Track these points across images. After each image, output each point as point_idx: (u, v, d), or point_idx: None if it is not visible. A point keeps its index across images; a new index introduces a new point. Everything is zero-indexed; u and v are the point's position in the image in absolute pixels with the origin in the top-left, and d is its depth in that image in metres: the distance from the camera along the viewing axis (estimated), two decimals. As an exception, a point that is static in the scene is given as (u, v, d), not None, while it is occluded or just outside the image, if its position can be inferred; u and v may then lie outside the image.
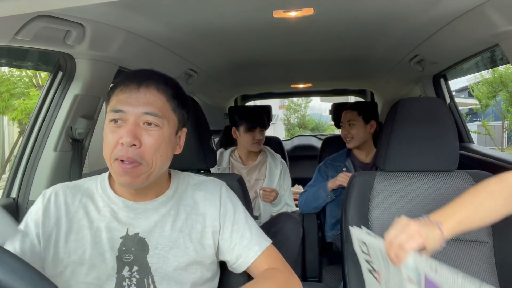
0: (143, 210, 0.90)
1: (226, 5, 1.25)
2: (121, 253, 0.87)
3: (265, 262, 0.96)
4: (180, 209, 0.93)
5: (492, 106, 11.44)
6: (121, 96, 0.85)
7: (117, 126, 0.83)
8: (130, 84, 0.85)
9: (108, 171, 0.92)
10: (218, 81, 2.69)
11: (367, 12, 1.37)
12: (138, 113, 0.83)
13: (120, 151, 0.81)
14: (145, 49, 1.56)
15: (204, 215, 0.95)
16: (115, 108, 0.84)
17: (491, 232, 1.19)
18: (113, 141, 0.83)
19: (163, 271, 0.88)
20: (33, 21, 1.01)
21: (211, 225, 0.94)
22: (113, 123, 0.84)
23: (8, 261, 0.51)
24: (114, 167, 0.83)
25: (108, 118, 0.85)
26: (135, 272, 0.87)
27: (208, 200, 0.96)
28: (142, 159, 0.82)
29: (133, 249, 0.87)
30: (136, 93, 0.85)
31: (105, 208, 0.90)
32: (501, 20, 1.17)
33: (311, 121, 19.87)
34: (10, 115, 6.22)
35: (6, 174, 6.60)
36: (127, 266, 0.86)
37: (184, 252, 0.90)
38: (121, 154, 0.81)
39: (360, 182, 1.30)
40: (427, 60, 1.91)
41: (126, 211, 0.90)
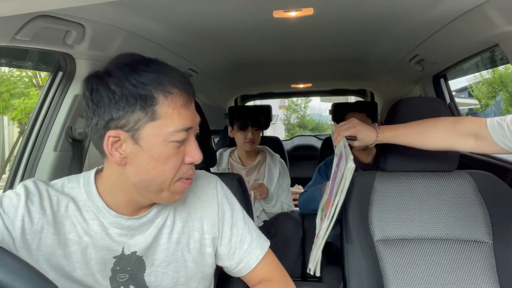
0: (139, 225, 0.80)
1: (226, 5, 1.25)
2: (115, 273, 0.78)
3: (264, 268, 0.90)
4: (176, 217, 0.84)
5: (492, 106, 11.44)
6: (183, 111, 0.72)
7: (179, 145, 0.72)
8: (184, 95, 0.73)
9: (90, 173, 0.81)
10: (218, 81, 2.69)
11: (367, 12, 1.37)
12: (196, 125, 0.76)
13: (188, 170, 0.75)
14: (145, 49, 1.56)
15: (201, 220, 0.86)
16: (186, 126, 0.72)
17: (491, 232, 1.19)
18: (178, 162, 0.73)
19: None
20: (33, 21, 1.01)
21: (210, 231, 0.86)
22: (176, 143, 0.72)
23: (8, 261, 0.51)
24: (176, 187, 0.75)
25: (171, 137, 0.71)
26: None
27: (204, 202, 0.87)
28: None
29: (129, 269, 0.79)
30: (191, 105, 0.74)
31: (94, 221, 0.77)
32: (501, 20, 1.17)
33: (311, 121, 19.87)
34: (10, 114, 6.23)
35: (6, 174, 6.60)
36: (122, 286, 0.78)
37: (183, 266, 0.83)
38: (190, 173, 0.76)
39: (360, 182, 1.30)
40: (427, 60, 1.91)
41: (119, 227, 0.78)
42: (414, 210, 1.24)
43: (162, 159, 0.71)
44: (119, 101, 0.68)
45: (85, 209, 0.78)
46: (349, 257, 1.19)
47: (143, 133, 0.70)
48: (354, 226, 1.22)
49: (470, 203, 1.23)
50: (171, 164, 0.72)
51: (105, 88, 0.69)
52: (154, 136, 0.70)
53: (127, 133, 0.69)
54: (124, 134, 0.70)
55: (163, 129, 0.70)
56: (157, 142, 0.70)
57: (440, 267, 1.18)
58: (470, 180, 1.26)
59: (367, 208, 1.25)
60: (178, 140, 0.71)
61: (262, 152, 2.23)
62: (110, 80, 0.69)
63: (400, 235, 1.22)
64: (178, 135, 0.71)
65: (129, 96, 0.68)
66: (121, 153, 0.71)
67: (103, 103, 0.69)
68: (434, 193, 1.26)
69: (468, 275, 1.16)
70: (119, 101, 0.68)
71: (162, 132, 0.70)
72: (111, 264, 0.78)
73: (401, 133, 1.12)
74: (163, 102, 0.70)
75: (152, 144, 0.70)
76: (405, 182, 1.29)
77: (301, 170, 3.46)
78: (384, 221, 1.23)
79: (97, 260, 0.77)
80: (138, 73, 0.69)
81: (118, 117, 0.69)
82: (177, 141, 0.71)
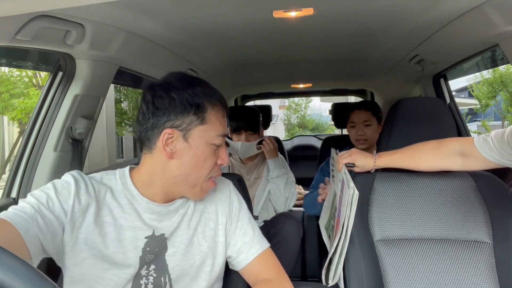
0: (166, 212, 0.93)
1: (226, 5, 1.25)
2: (144, 254, 0.88)
3: (262, 264, 0.99)
4: (195, 208, 0.98)
5: (492, 106, 11.44)
6: (222, 120, 0.92)
7: (216, 149, 0.91)
8: (224, 108, 0.93)
9: (125, 169, 0.93)
10: (218, 81, 2.69)
11: (367, 12, 1.37)
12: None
13: (217, 171, 0.94)
14: (145, 49, 1.56)
15: (216, 213, 0.99)
16: (224, 132, 0.92)
17: (491, 232, 1.19)
18: (212, 163, 0.91)
19: (179, 269, 0.91)
20: (33, 21, 1.01)
21: (223, 222, 0.99)
22: (215, 146, 0.90)
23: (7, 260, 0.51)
24: (206, 185, 0.92)
25: (213, 142, 0.89)
26: (152, 271, 0.89)
27: (218, 198, 1.01)
28: None
29: (156, 249, 0.89)
30: (226, 116, 0.95)
31: (128, 206, 0.89)
32: (501, 20, 1.18)
33: (311, 121, 19.89)
34: (10, 114, 6.23)
35: (6, 174, 6.60)
36: (145, 265, 0.88)
37: (198, 250, 0.94)
38: (218, 173, 0.94)
39: (360, 183, 1.30)
40: (427, 60, 1.91)
41: (150, 212, 0.91)
42: (414, 210, 1.24)
43: (203, 158, 0.88)
44: (178, 106, 0.86)
45: (121, 196, 0.90)
46: (349, 257, 1.19)
47: (192, 133, 0.87)
48: (354, 226, 1.22)
49: (470, 203, 1.23)
50: (208, 163, 0.90)
51: (167, 95, 0.87)
52: (200, 137, 0.88)
53: (180, 132, 0.87)
54: (177, 133, 0.86)
55: (208, 132, 0.88)
56: (202, 142, 0.88)
57: (440, 267, 1.18)
58: (470, 180, 1.26)
59: (367, 208, 1.25)
60: (216, 143, 0.90)
61: (262, 151, 2.22)
62: (172, 90, 0.87)
63: (400, 235, 1.22)
64: (218, 139, 0.90)
65: (186, 103, 0.86)
66: (171, 148, 0.87)
67: (163, 106, 0.86)
68: (434, 193, 1.26)
69: (468, 275, 1.16)
70: (178, 106, 0.86)
71: (207, 135, 0.88)
72: (142, 244, 0.88)
73: (396, 158, 1.21)
74: (210, 111, 0.89)
75: (198, 144, 0.88)
76: (405, 182, 1.29)
77: (301, 170, 3.46)
78: (384, 221, 1.23)
79: (129, 240, 0.87)
80: (194, 87, 0.89)
81: (175, 118, 0.86)
82: (215, 144, 0.90)
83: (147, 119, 0.87)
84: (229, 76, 2.57)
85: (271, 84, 3.29)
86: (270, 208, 2.15)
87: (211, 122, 0.88)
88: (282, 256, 1.81)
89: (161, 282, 0.89)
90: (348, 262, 1.19)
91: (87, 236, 0.83)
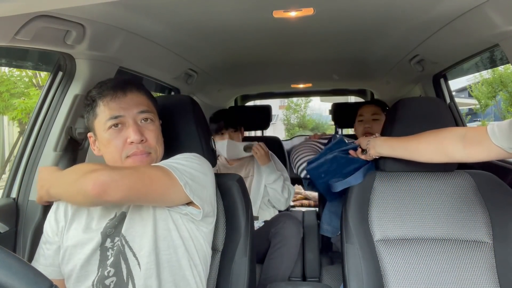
0: None
1: (226, 5, 1.25)
2: (105, 229, 0.98)
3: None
4: None
5: (492, 106, 11.44)
6: (111, 104, 0.98)
7: (119, 130, 0.97)
8: (114, 93, 0.98)
9: None
10: (218, 81, 2.69)
11: (367, 12, 1.37)
12: (134, 113, 0.99)
13: (131, 149, 0.97)
14: (145, 49, 1.56)
15: None
16: (113, 115, 0.97)
17: (491, 232, 1.19)
18: (120, 144, 0.97)
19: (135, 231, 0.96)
20: (33, 21, 1.01)
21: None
22: (113, 129, 0.97)
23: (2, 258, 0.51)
24: (127, 163, 0.97)
25: (106, 126, 0.97)
26: (118, 241, 0.96)
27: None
28: (151, 149, 1.00)
29: (116, 223, 0.97)
30: (124, 98, 0.99)
31: None
32: (501, 20, 1.18)
33: (311, 121, 19.89)
34: (10, 114, 6.23)
35: (6, 174, 6.60)
36: (109, 238, 0.96)
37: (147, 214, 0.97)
38: (134, 151, 0.97)
39: (360, 182, 1.30)
40: (427, 60, 1.91)
41: None
42: (414, 210, 1.24)
43: (106, 143, 1.01)
44: (85, 113, 1.04)
45: None
46: (349, 257, 1.19)
47: (95, 129, 1.03)
48: (354, 226, 1.22)
49: (470, 203, 1.23)
50: (113, 146, 1.00)
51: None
52: (99, 129, 1.03)
53: (92, 132, 1.06)
54: (92, 133, 1.07)
55: (101, 121, 1.01)
56: (100, 131, 1.03)
57: (440, 267, 1.18)
58: (470, 180, 1.26)
59: (367, 208, 1.25)
60: (109, 125, 0.99)
61: (248, 149, 2.20)
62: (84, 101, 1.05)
63: (400, 235, 1.22)
64: (108, 122, 0.99)
65: (86, 107, 1.05)
66: (97, 146, 1.05)
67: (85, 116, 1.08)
68: (434, 193, 1.26)
69: (468, 275, 1.16)
70: (85, 113, 1.04)
71: (101, 124, 1.01)
72: (104, 223, 0.98)
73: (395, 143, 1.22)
74: (99, 102, 1.01)
75: (99, 134, 1.03)
76: (405, 182, 1.29)
77: (301, 170, 3.46)
78: (384, 221, 1.23)
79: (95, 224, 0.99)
80: (90, 91, 1.04)
81: (87, 123, 1.04)
82: (109, 126, 0.99)
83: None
84: (229, 76, 2.57)
85: (271, 84, 3.29)
86: (270, 208, 2.15)
87: (100, 112, 0.99)
88: (282, 256, 1.82)
89: (119, 246, 0.95)
90: (348, 262, 1.19)
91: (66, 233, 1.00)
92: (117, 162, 0.98)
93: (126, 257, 0.93)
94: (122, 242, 0.94)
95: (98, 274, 0.94)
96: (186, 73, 2.14)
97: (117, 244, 0.95)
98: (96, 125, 1.00)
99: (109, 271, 0.92)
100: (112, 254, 0.94)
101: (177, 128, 1.19)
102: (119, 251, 0.94)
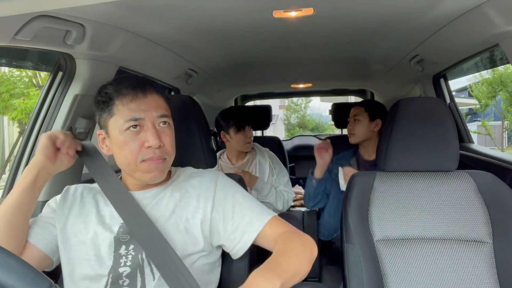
0: (143, 198, 0.99)
1: (226, 5, 1.25)
2: (118, 234, 0.95)
3: (271, 231, 0.97)
4: (175, 193, 1.01)
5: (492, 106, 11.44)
6: (131, 105, 0.93)
7: (136, 132, 0.93)
8: (135, 93, 0.94)
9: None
10: (218, 81, 2.69)
11: (367, 12, 1.37)
12: (153, 116, 0.94)
13: (148, 154, 0.93)
14: (145, 49, 1.56)
15: (198, 198, 1.00)
16: (132, 116, 0.92)
17: (491, 232, 1.19)
18: (136, 146, 0.93)
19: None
20: (33, 21, 1.01)
21: (203, 206, 0.99)
22: (131, 131, 0.93)
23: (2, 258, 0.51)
24: (142, 167, 0.94)
25: (123, 127, 0.92)
26: (131, 250, 0.94)
27: (203, 184, 1.02)
28: (166, 155, 0.96)
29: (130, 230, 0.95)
30: (145, 99, 0.94)
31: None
32: (501, 20, 1.18)
33: (311, 121, 19.89)
34: (10, 115, 6.23)
35: (6, 174, 6.60)
36: (123, 245, 0.94)
37: (175, 230, 0.96)
38: (151, 156, 0.93)
39: (360, 182, 1.30)
40: (427, 60, 1.91)
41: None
42: (414, 210, 1.24)
43: (121, 146, 0.96)
44: (97, 109, 0.99)
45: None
46: (349, 257, 1.19)
47: (108, 127, 0.98)
48: (354, 226, 1.22)
49: (470, 203, 1.23)
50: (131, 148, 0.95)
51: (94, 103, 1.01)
52: (114, 128, 0.96)
53: (103, 130, 1.00)
54: (103, 131, 1.01)
55: (118, 121, 0.95)
56: (116, 132, 0.96)
57: (440, 267, 1.18)
58: (470, 180, 1.26)
59: (367, 208, 1.25)
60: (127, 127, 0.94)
61: (252, 149, 2.20)
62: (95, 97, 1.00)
63: (400, 235, 1.22)
64: (127, 124, 0.94)
65: (99, 104, 0.99)
66: (107, 145, 1.01)
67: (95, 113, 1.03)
68: (434, 193, 1.26)
69: (468, 275, 1.16)
70: (97, 109, 0.99)
71: (117, 124, 0.95)
72: (117, 227, 0.96)
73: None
74: (116, 101, 0.96)
75: (114, 135, 0.96)
76: (405, 182, 1.29)
77: (301, 170, 3.46)
78: (384, 221, 1.23)
79: (108, 225, 0.97)
80: (105, 86, 0.97)
81: (99, 120, 1.00)
82: (126, 128, 0.94)
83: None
84: (229, 76, 2.57)
85: (271, 84, 3.29)
86: (270, 207, 2.15)
87: (118, 111, 0.93)
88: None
89: (138, 259, 0.93)
90: (348, 262, 1.19)
91: (71, 227, 0.98)
92: (130, 165, 0.94)
93: (143, 271, 0.92)
94: (142, 257, 0.92)
95: (109, 280, 0.92)
96: (186, 73, 2.14)
97: (133, 255, 0.93)
98: (111, 124, 0.95)
99: (123, 281, 0.91)
100: (125, 262, 0.92)
101: (177, 128, 1.19)
102: (137, 264, 0.92)
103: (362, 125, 2.01)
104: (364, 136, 2.01)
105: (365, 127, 2.01)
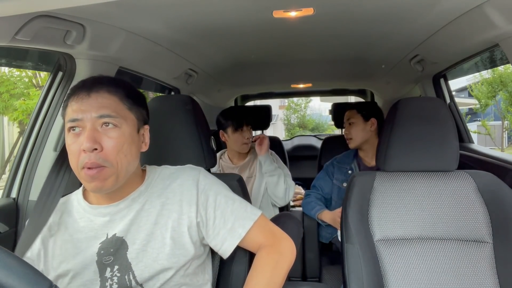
0: (117, 211, 0.92)
1: (226, 5, 1.25)
2: (100, 257, 0.90)
3: (254, 236, 0.97)
4: (154, 201, 0.94)
5: (492, 106, 11.44)
6: (74, 106, 0.86)
7: (77, 134, 0.85)
8: (80, 93, 0.87)
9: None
10: (218, 81, 2.69)
11: (367, 12, 1.37)
12: (93, 117, 0.85)
13: (84, 158, 0.83)
14: (145, 49, 1.56)
15: (181, 203, 0.94)
16: (71, 117, 0.85)
17: (491, 232, 1.19)
18: (76, 150, 0.85)
19: (143, 265, 0.90)
20: (33, 21, 1.01)
21: (188, 211, 0.94)
22: (72, 133, 0.86)
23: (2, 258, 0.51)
24: (82, 175, 0.85)
25: (66, 129, 0.87)
26: (116, 271, 0.89)
27: (184, 187, 0.96)
28: (106, 162, 0.84)
29: (111, 250, 0.90)
30: (87, 99, 0.86)
31: (82, 219, 0.93)
32: (501, 20, 1.18)
33: (311, 121, 19.88)
34: (11, 115, 6.23)
35: (6, 174, 6.60)
36: (108, 268, 0.89)
37: (162, 243, 0.91)
38: (86, 161, 0.83)
39: (360, 182, 1.30)
40: (427, 60, 1.91)
41: (102, 216, 0.92)
42: (414, 210, 1.24)
43: (67, 147, 0.89)
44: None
45: (76, 212, 0.95)
46: (349, 257, 1.19)
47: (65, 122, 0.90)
48: (354, 226, 1.22)
49: (470, 203, 1.23)
50: (71, 152, 0.87)
51: None
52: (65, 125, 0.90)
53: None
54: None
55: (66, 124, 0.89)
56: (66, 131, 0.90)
57: (440, 267, 1.18)
58: (470, 180, 1.26)
59: (367, 208, 1.25)
60: (68, 128, 0.87)
61: (252, 149, 2.20)
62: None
63: (400, 235, 1.22)
64: (68, 124, 0.87)
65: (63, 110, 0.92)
66: None
67: None
68: (434, 193, 1.26)
69: (468, 275, 1.16)
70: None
71: (66, 126, 0.89)
72: (96, 249, 0.90)
73: None
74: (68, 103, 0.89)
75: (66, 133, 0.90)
76: (405, 182, 1.29)
77: (301, 170, 3.46)
78: (384, 221, 1.23)
79: (86, 250, 0.90)
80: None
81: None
82: (67, 130, 0.88)
83: None
84: (229, 76, 2.57)
85: (271, 84, 3.29)
86: (270, 207, 2.15)
87: (66, 113, 0.88)
88: (282, 256, 1.81)
89: (125, 280, 0.89)
90: (348, 262, 1.19)
91: (51, 261, 0.91)
92: (76, 171, 0.87)
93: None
94: (130, 277, 0.89)
95: None
96: (186, 73, 2.14)
97: (119, 276, 0.89)
98: (66, 127, 0.89)
99: None
100: (110, 286, 0.89)
101: (177, 128, 1.19)
102: (125, 286, 0.89)
103: (358, 127, 2.01)
104: (362, 139, 2.01)
105: (360, 128, 2.00)
